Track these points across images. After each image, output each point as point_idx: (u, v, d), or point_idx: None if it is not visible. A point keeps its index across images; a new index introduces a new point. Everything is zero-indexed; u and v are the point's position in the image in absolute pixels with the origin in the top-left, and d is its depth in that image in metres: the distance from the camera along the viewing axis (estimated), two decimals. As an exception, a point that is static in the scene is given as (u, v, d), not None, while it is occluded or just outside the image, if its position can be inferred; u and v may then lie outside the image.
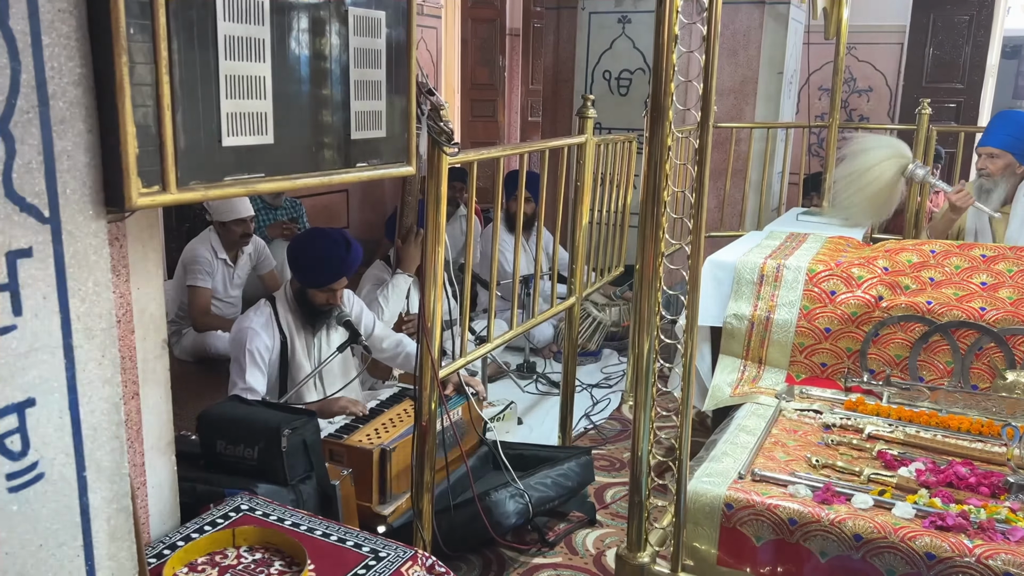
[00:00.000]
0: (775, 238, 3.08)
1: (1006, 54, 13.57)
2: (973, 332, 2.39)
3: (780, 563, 1.87)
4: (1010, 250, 2.65)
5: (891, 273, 2.58)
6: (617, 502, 2.83)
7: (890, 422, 2.30)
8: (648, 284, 1.75)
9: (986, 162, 3.35)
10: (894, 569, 1.74)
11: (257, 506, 1.80)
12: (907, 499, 1.85)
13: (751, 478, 1.98)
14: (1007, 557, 1.66)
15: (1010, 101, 19.66)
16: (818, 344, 2.55)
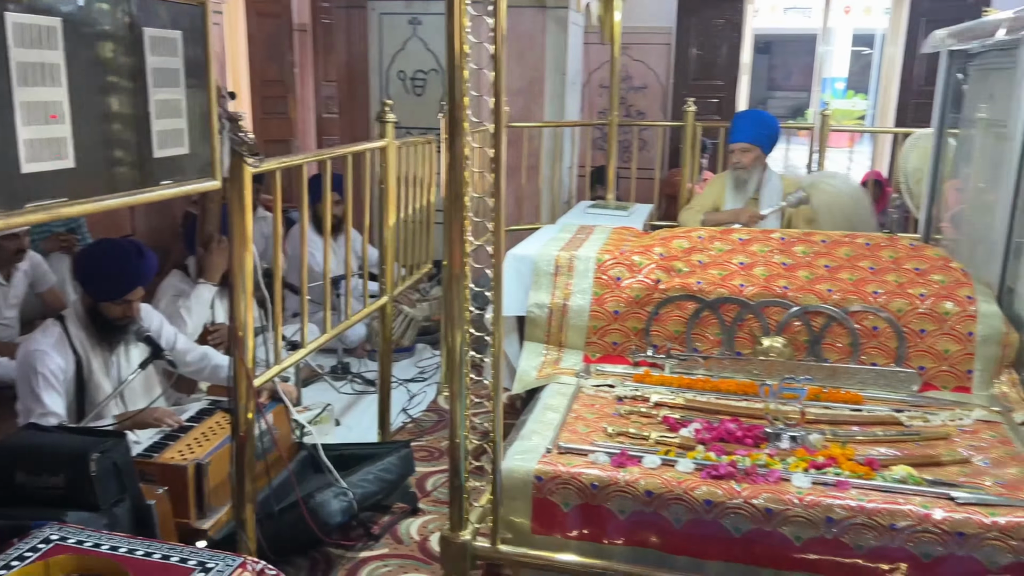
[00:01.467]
0: (567, 231, 3.33)
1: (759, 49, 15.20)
2: (735, 306, 2.75)
3: (586, 525, 2.08)
4: (761, 232, 3.07)
5: (666, 258, 2.90)
6: (438, 489, 2.96)
7: (672, 390, 2.60)
8: (456, 281, 1.89)
9: (740, 156, 3.81)
10: (680, 517, 2.00)
11: (69, 535, 1.73)
12: (688, 456, 2.13)
13: (557, 451, 2.18)
14: (768, 495, 1.96)
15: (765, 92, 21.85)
16: (609, 325, 2.82)
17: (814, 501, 1.94)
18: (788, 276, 2.79)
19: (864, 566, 1.92)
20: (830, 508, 1.92)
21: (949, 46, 3.29)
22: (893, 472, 2.05)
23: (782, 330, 2.72)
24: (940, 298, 2.62)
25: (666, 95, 7.44)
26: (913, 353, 2.60)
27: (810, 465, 2.08)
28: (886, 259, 2.81)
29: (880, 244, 2.89)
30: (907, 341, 2.61)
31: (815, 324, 2.69)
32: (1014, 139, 2.63)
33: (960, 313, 2.58)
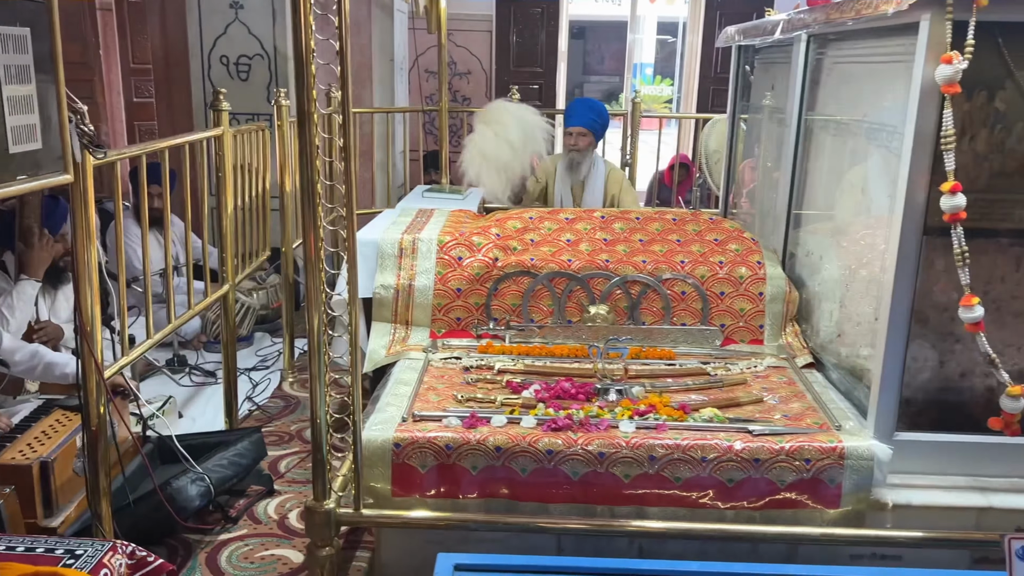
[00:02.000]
0: (407, 215, 3.48)
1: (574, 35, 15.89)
2: (564, 279, 3.03)
3: (443, 484, 2.27)
4: (584, 211, 3.37)
5: (502, 238, 3.12)
6: (292, 470, 3.04)
7: (513, 358, 2.83)
8: (312, 267, 2.00)
9: (576, 139, 4.12)
10: (526, 467, 2.24)
11: (-80, 539, 1.70)
12: (530, 413, 2.37)
13: (412, 420, 2.35)
14: (600, 441, 2.24)
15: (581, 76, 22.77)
16: (453, 303, 3.01)
17: (638, 443, 2.23)
18: (608, 250, 3.10)
19: (681, 495, 2.24)
20: (652, 448, 2.23)
21: (738, 41, 3.73)
22: (702, 414, 2.40)
23: (605, 299, 3.02)
24: (735, 264, 3.02)
25: (489, 81, 7.71)
26: (715, 313, 2.99)
27: (634, 413, 2.38)
28: (691, 232, 3.18)
29: (685, 219, 3.27)
30: (710, 303, 2.99)
31: (633, 292, 3.02)
32: (791, 125, 3.07)
33: (752, 277, 2.99)
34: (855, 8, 2.32)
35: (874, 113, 2.43)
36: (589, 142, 4.11)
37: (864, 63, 2.55)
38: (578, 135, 4.08)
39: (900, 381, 2.25)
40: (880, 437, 2.25)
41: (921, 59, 2.05)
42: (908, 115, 2.10)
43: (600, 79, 21.45)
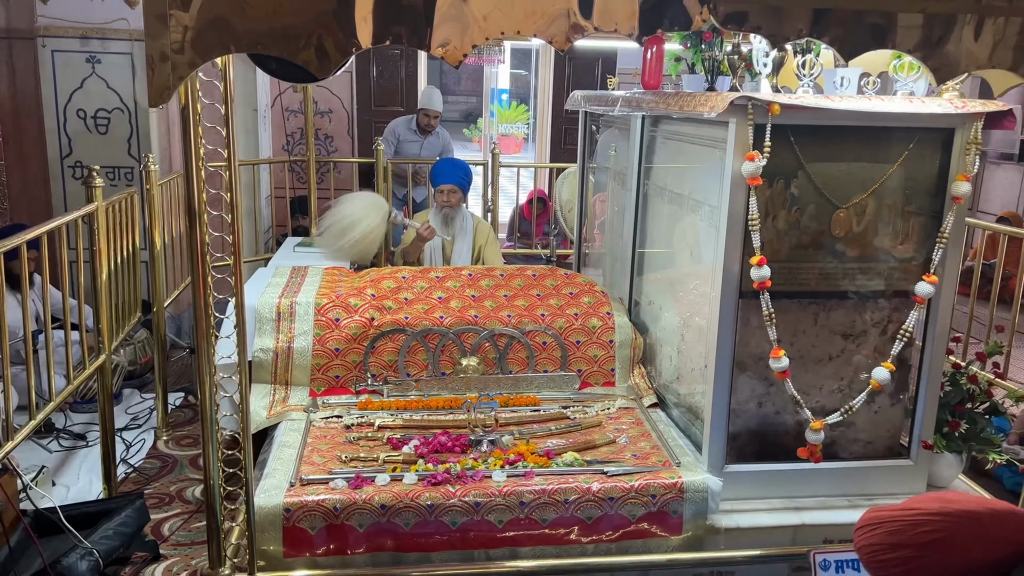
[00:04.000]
0: (281, 275, 3.62)
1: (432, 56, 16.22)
2: (437, 335, 3.27)
3: (332, 542, 2.45)
4: (453, 270, 3.64)
5: (377, 298, 3.33)
6: (175, 533, 3.11)
7: (392, 412, 3.05)
8: (205, 333, 2.14)
9: (448, 196, 4.38)
10: (409, 521, 2.46)
11: None
12: (411, 469, 2.60)
13: (300, 484, 2.52)
14: (475, 492, 2.49)
15: (441, 108, 22.80)
16: (331, 361, 3.19)
17: (510, 491, 2.51)
18: (476, 306, 3.37)
19: (548, 534, 2.53)
20: (521, 494, 2.51)
21: (584, 107, 4.12)
22: (564, 459, 2.71)
23: (475, 351, 3.29)
24: (588, 316, 3.38)
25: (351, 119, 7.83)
26: (573, 360, 3.32)
27: (505, 462, 2.66)
28: (549, 287, 3.52)
29: (544, 274, 3.61)
30: (568, 351, 3.32)
31: (500, 343, 3.30)
32: (631, 189, 3.47)
33: (603, 326, 3.35)
34: (679, 103, 2.72)
35: (697, 190, 2.83)
36: (459, 198, 4.39)
37: (689, 143, 2.97)
38: (449, 192, 4.35)
39: (727, 421, 2.65)
40: (712, 471, 2.64)
41: (730, 156, 2.45)
42: (722, 200, 2.51)
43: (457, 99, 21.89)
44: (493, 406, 2.92)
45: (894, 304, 2.67)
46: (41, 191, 4.81)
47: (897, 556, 1.24)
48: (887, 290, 2.65)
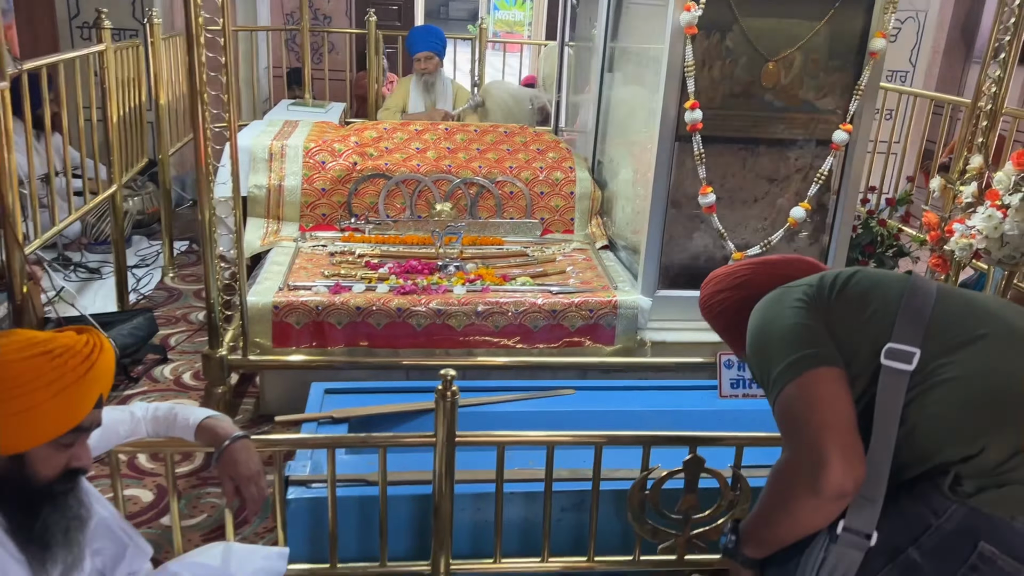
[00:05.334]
0: (274, 125, 3.95)
1: (436, -45, 15.87)
2: (415, 181, 3.62)
3: (314, 337, 2.87)
4: (431, 124, 3.96)
5: (360, 145, 3.67)
6: (181, 344, 3.55)
7: (371, 246, 3.43)
8: (204, 171, 2.51)
9: (426, 63, 4.64)
10: (380, 322, 2.87)
11: None
12: (384, 283, 3.00)
13: (287, 289, 2.92)
14: (438, 301, 2.90)
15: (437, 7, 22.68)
16: (318, 200, 3.55)
17: (467, 300, 2.91)
18: (451, 157, 3.71)
19: (498, 340, 2.95)
20: (477, 304, 2.91)
21: (563, -20, 4.34)
22: (517, 281, 3.11)
23: (448, 197, 3.65)
24: (552, 169, 3.72)
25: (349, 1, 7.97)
26: (536, 209, 3.68)
27: (466, 280, 3.06)
28: (518, 143, 3.84)
29: (515, 132, 3.93)
30: (533, 200, 3.68)
31: (471, 191, 3.66)
32: (597, 53, 3.75)
33: (565, 179, 3.70)
34: (633, -37, 2.99)
35: (647, 46, 3.13)
36: (436, 63, 4.66)
37: (643, 4, 3.24)
38: (426, 59, 4.61)
39: (660, 252, 3.03)
40: (645, 293, 3.03)
41: (671, 8, 2.75)
42: (663, 50, 2.81)
43: (460, 1, 21.60)
44: (459, 234, 3.29)
45: (815, 151, 3.00)
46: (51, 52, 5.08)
47: (719, 299, 1.61)
48: (809, 138, 2.98)
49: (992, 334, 1.28)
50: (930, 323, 1.29)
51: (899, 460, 1.27)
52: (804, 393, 1.29)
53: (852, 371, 1.31)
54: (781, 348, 1.34)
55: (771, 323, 1.40)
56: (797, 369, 1.30)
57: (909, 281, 1.38)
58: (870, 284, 1.38)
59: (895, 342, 1.27)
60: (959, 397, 1.24)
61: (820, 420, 1.25)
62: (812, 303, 1.38)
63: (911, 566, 1.24)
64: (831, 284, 1.40)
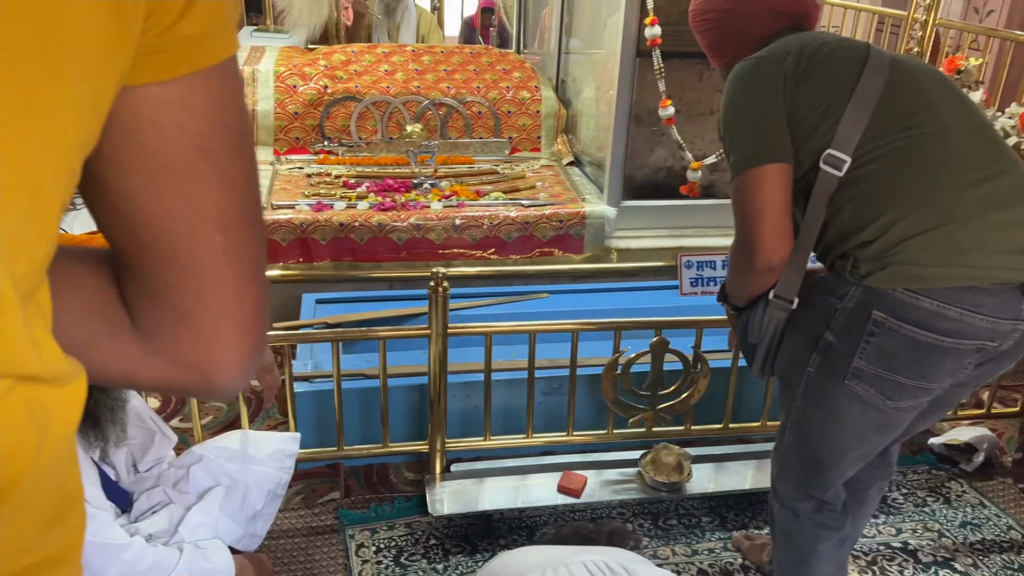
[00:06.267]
0: (242, 51, 3.99)
1: None
2: (384, 103, 3.73)
3: (300, 253, 3.03)
4: (398, 46, 4.04)
5: (330, 69, 3.75)
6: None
7: (346, 167, 3.56)
8: None
9: None
10: (363, 237, 3.04)
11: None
12: (364, 201, 3.15)
13: (271, 208, 3.06)
14: (417, 216, 3.06)
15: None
16: (291, 124, 3.65)
17: (445, 215, 3.08)
18: (419, 78, 3.82)
19: (475, 252, 3.14)
20: (455, 219, 3.09)
21: (521, -100, 4.39)
22: (491, 196, 3.28)
23: (419, 118, 3.77)
24: (519, 89, 3.85)
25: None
26: (504, 128, 3.83)
27: (442, 196, 3.22)
28: (484, 63, 3.96)
29: (480, 53, 4.04)
30: (500, 120, 3.82)
31: (440, 112, 3.78)
32: (559, -25, 3.85)
33: (531, 98, 3.84)
34: None
35: (609, -34, 3.25)
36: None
37: (605, -74, 3.34)
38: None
39: (623, 163, 3.22)
40: (611, 203, 3.23)
41: (631, -73, 2.87)
42: (624, -32, 2.95)
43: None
44: (432, 153, 3.44)
45: (766, 66, 3.18)
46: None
47: (707, 17, 1.73)
48: (760, 53, 3.16)
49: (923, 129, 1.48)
50: (872, 118, 1.48)
51: (825, 240, 1.54)
52: (749, 187, 1.51)
53: (800, 155, 1.52)
54: (743, 136, 1.55)
55: (740, 103, 1.57)
56: (749, 163, 1.51)
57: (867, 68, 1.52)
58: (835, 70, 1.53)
59: (834, 148, 1.48)
60: (878, 186, 1.47)
61: (758, 209, 1.50)
62: (783, 85, 1.52)
63: (828, 347, 1.54)
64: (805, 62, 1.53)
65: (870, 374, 1.50)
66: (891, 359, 1.47)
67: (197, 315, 0.55)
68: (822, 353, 1.55)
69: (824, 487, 1.70)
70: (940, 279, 1.43)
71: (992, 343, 1.46)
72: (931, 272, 1.43)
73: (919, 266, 1.44)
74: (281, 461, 1.96)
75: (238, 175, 0.54)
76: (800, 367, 1.60)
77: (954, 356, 1.46)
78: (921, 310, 1.43)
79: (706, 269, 2.97)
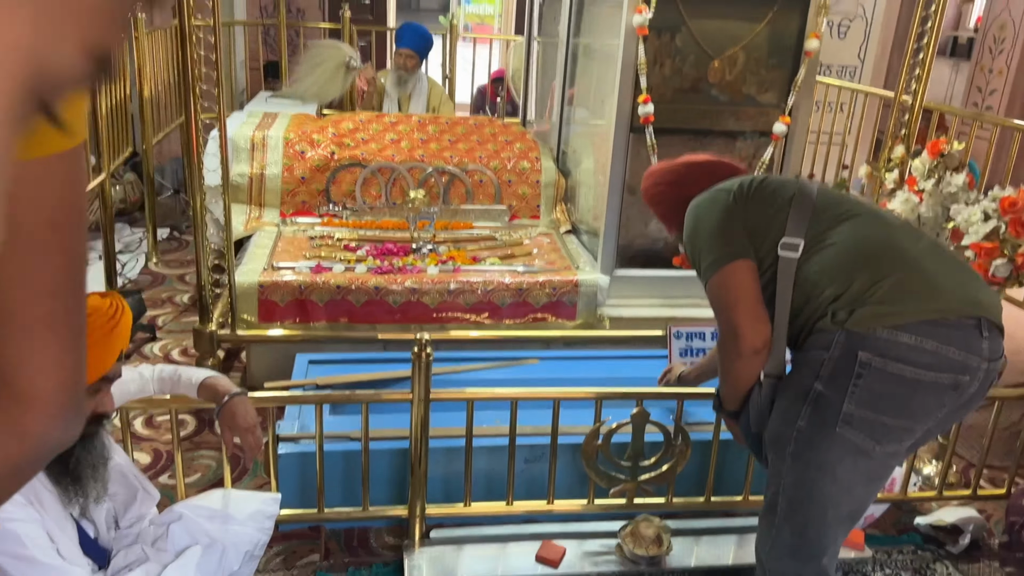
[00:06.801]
0: (255, 116, 4.14)
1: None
2: (389, 169, 3.85)
3: (297, 314, 3.09)
4: (404, 116, 4.18)
5: (338, 136, 3.88)
6: (168, 324, 3.74)
7: (349, 230, 3.65)
8: (194, 162, 2.71)
9: (406, 60, 4.85)
10: (360, 299, 3.10)
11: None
12: (363, 264, 3.23)
13: (272, 268, 3.14)
14: (412, 280, 3.13)
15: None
16: (298, 187, 3.76)
17: (440, 279, 3.15)
18: (424, 147, 3.94)
19: (469, 317, 3.19)
20: (449, 283, 3.15)
21: (529, -21, 4.58)
22: (487, 262, 3.35)
23: (422, 185, 3.87)
24: (520, 159, 3.96)
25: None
26: (505, 196, 3.92)
27: (439, 261, 3.30)
28: (487, 134, 4.08)
29: (483, 123, 4.16)
30: (501, 188, 3.92)
31: (443, 179, 3.89)
32: (561, 48, 3.99)
33: (531, 168, 3.94)
34: (592, -33, 3.24)
35: (605, 44, 3.38)
36: (416, 63, 4.87)
37: (601, 5, 3.49)
38: (407, 57, 4.82)
39: (617, 233, 3.28)
40: (604, 272, 3.29)
41: (626, 10, 3.00)
42: (618, 48, 3.06)
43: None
44: (432, 219, 3.53)
45: (758, 141, 3.28)
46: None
47: (658, 191, 2.01)
48: (753, 129, 3.26)
49: (861, 215, 1.73)
50: (813, 214, 1.72)
51: (795, 308, 1.69)
52: (723, 282, 1.73)
53: (760, 254, 1.73)
54: (708, 245, 1.77)
55: (703, 222, 1.80)
56: (718, 264, 1.73)
57: (798, 185, 1.80)
58: (772, 189, 1.80)
59: (787, 236, 1.70)
60: (836, 253, 1.67)
61: (733, 300, 1.71)
62: (734, 203, 1.78)
63: (818, 398, 1.63)
64: (748, 187, 1.81)
65: (860, 418, 1.59)
66: (878, 400, 1.58)
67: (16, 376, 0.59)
68: (812, 404, 1.64)
69: (819, 552, 1.73)
70: (914, 313, 1.57)
71: (965, 377, 1.57)
72: (904, 308, 1.58)
73: (893, 304, 1.58)
74: (261, 522, 1.98)
75: (76, 248, 0.60)
76: (790, 424, 1.67)
77: (934, 392, 1.57)
78: (901, 345, 1.55)
79: (695, 340, 3.01)
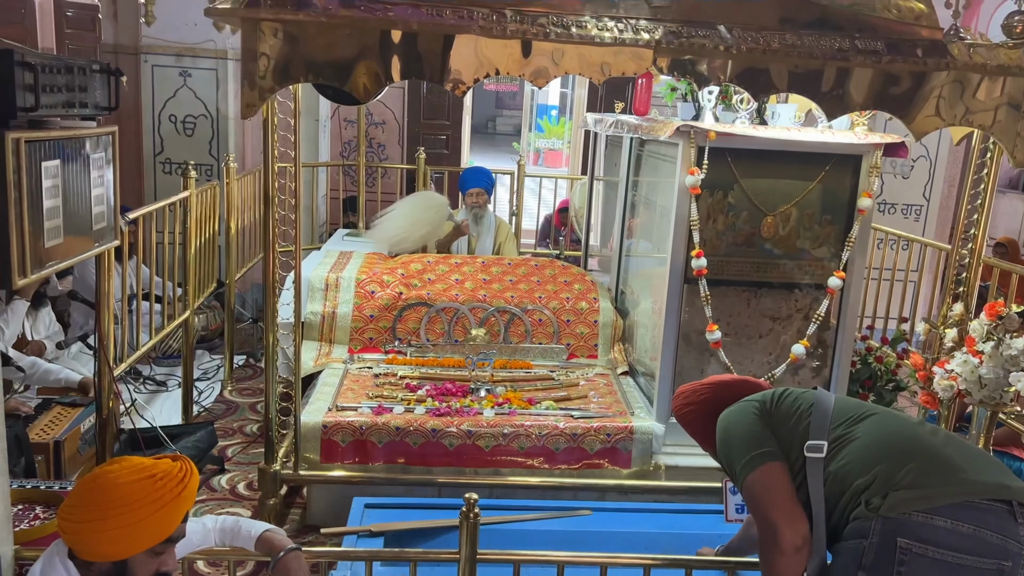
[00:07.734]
0: (331, 256, 4.40)
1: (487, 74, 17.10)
2: (453, 309, 4.01)
3: (357, 454, 3.20)
4: (470, 257, 4.38)
5: (406, 277, 4.09)
6: (237, 455, 3.89)
7: (412, 368, 3.79)
8: (270, 296, 2.91)
9: (476, 199, 5.12)
10: (416, 441, 3.19)
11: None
12: (421, 405, 3.33)
13: (336, 409, 3.27)
14: (469, 423, 3.21)
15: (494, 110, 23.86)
16: (367, 326, 3.94)
17: (495, 423, 3.22)
18: (486, 287, 4.10)
19: (523, 461, 3.23)
20: (504, 427, 3.22)
21: (591, 127, 4.83)
22: (542, 404, 3.41)
23: (483, 323, 4.01)
24: (578, 299, 4.07)
25: (402, 130, 8.66)
26: (563, 335, 4.02)
27: (495, 404, 3.38)
28: (547, 275, 4.23)
29: (544, 265, 4.32)
30: (560, 328, 4.03)
31: (504, 318, 4.02)
32: (620, 196, 4.16)
33: (589, 308, 4.05)
34: (647, 128, 3.42)
35: (661, 197, 3.52)
36: (486, 199, 5.15)
37: (658, 159, 3.65)
38: (477, 195, 5.10)
39: (672, 380, 3.32)
40: (659, 419, 3.31)
41: (679, 170, 3.15)
42: (673, 205, 3.19)
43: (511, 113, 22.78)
44: (490, 360, 3.63)
45: (813, 294, 3.31)
46: (136, 182, 5.70)
47: (688, 411, 2.11)
48: (807, 282, 3.30)
49: (878, 412, 1.88)
50: (833, 418, 1.86)
51: (829, 504, 1.77)
52: (758, 483, 1.82)
53: (790, 459, 1.86)
54: (741, 449, 1.88)
55: (734, 429, 1.93)
56: (752, 465, 1.84)
57: (816, 394, 1.93)
58: (793, 400, 1.95)
59: (812, 438, 1.83)
60: (860, 446, 1.78)
61: (770, 501, 1.79)
62: (761, 414, 1.92)
63: None
64: (771, 401, 1.96)
65: None
66: None
67: None
68: None
69: None
70: (941, 496, 1.63)
71: (1008, 563, 1.58)
72: (932, 492, 1.64)
73: (920, 488, 1.65)
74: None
75: None
76: None
77: None
78: (938, 529, 1.60)
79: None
